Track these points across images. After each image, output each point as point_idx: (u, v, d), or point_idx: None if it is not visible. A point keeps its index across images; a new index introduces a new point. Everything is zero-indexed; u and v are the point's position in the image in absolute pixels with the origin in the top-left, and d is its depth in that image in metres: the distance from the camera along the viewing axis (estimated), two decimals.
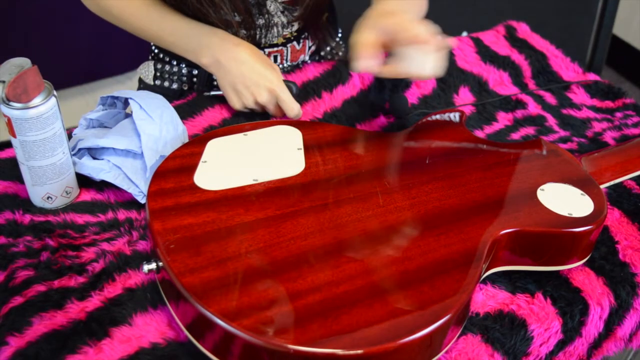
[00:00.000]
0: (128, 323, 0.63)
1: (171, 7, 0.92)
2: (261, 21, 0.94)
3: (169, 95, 1.04)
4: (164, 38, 0.94)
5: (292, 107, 0.89)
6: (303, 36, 1.01)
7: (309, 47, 1.03)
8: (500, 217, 0.69)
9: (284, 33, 0.98)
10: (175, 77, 1.03)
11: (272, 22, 0.96)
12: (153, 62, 1.06)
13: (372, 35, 0.76)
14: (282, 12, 0.95)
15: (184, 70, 1.02)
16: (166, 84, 1.05)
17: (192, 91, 1.03)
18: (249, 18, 0.92)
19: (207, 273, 0.59)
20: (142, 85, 1.08)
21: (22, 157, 0.72)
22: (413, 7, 0.88)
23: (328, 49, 1.11)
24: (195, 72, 1.02)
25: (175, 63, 1.03)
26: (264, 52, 1.00)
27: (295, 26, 0.99)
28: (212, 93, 0.95)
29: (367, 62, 0.75)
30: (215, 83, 1.02)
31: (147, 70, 1.07)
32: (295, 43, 1.00)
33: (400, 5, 0.84)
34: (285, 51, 1.00)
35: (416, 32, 0.73)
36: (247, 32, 0.94)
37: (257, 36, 0.95)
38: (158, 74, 1.05)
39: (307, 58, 1.05)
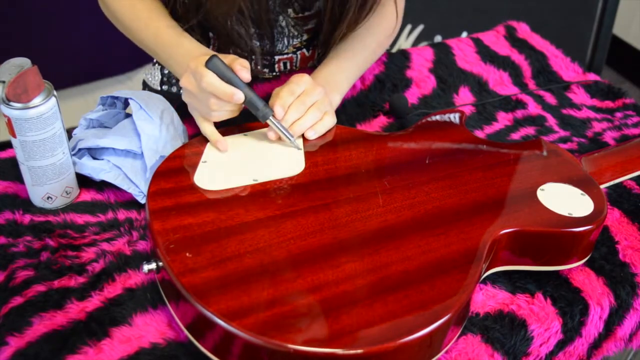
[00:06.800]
0: (128, 323, 0.63)
1: (169, 14, 0.90)
2: (271, 34, 0.96)
3: (174, 100, 1.03)
4: (151, 49, 0.90)
5: (226, 91, 0.75)
6: (313, 44, 1.02)
7: (319, 54, 1.04)
8: (500, 217, 0.69)
9: (294, 43, 1.00)
10: None
11: (284, 33, 0.98)
12: (160, 67, 1.06)
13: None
14: (293, 27, 0.97)
15: None
16: (174, 89, 1.04)
17: None
18: (262, 31, 0.94)
19: (207, 273, 0.59)
20: (147, 89, 1.08)
21: (22, 157, 0.72)
22: (345, 69, 0.92)
23: None
24: None
25: None
26: (274, 60, 1.01)
27: (305, 36, 1.00)
28: None
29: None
30: None
31: (152, 75, 1.07)
32: (305, 50, 1.02)
33: (325, 74, 0.89)
34: (295, 58, 1.02)
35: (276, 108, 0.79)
36: (259, 43, 0.96)
37: (268, 46, 0.97)
38: (165, 79, 1.05)
39: (316, 64, 1.06)
